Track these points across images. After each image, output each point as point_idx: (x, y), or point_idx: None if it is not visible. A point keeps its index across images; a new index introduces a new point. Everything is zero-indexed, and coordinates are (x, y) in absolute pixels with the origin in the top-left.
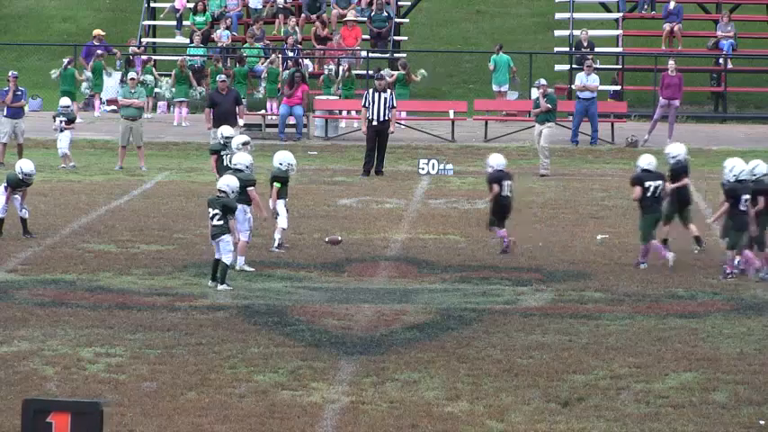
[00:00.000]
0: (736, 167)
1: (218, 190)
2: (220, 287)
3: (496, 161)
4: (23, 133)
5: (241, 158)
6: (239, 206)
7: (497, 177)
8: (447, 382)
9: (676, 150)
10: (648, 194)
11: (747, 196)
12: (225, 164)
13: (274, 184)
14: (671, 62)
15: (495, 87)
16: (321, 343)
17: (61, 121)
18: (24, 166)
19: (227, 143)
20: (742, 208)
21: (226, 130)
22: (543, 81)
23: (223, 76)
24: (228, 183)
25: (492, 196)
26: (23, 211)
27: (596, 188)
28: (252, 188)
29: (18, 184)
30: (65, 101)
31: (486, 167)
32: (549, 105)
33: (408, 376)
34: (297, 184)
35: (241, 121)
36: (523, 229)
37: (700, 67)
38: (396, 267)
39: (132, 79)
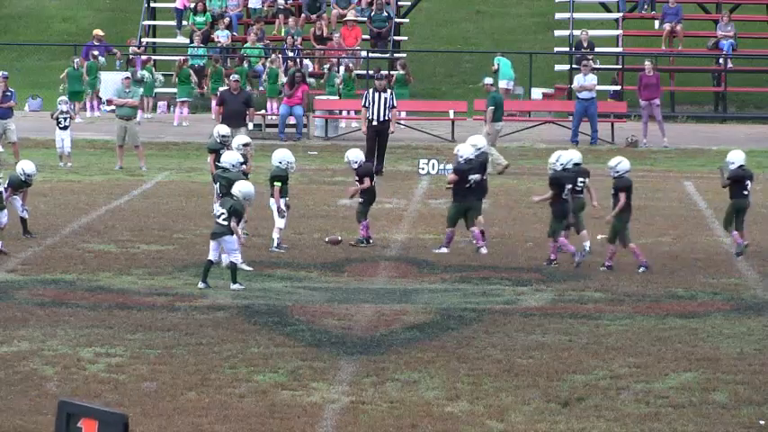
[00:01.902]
0: (562, 157)
1: (232, 194)
2: (233, 286)
3: (356, 156)
4: (15, 132)
5: (229, 157)
6: None
7: (368, 171)
8: (447, 382)
9: (481, 143)
10: (466, 185)
11: (570, 186)
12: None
13: (275, 183)
14: (647, 62)
15: (501, 84)
16: (321, 343)
17: (65, 118)
18: (26, 167)
19: (224, 142)
20: (564, 197)
21: (222, 128)
22: (486, 80)
23: (236, 76)
24: (242, 189)
25: (361, 188)
26: (23, 211)
27: (597, 188)
28: None
29: (20, 185)
30: (64, 99)
31: (351, 164)
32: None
33: (408, 376)
34: (297, 184)
35: (251, 124)
36: (523, 228)
37: (700, 67)
38: (396, 267)
39: (127, 78)
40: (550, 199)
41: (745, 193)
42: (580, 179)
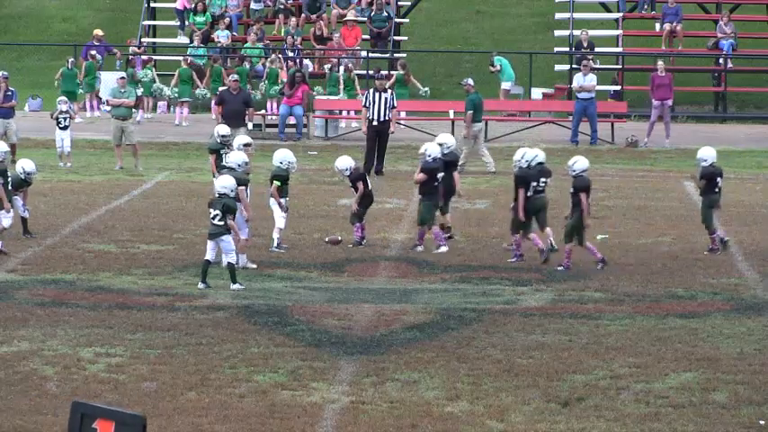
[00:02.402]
0: (527, 154)
1: (218, 192)
2: (233, 286)
3: (345, 164)
4: (16, 132)
5: (235, 157)
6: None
7: (360, 176)
8: (447, 382)
9: (449, 141)
10: (435, 183)
11: (534, 183)
12: (224, 162)
13: (274, 182)
14: (660, 62)
15: (505, 85)
16: (321, 343)
17: (65, 118)
18: (26, 165)
19: (224, 142)
20: (529, 193)
21: (222, 128)
22: (469, 81)
23: (236, 76)
24: (226, 183)
25: (360, 193)
26: (24, 211)
27: (596, 188)
28: (242, 187)
29: (20, 185)
30: (64, 99)
31: (342, 172)
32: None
33: (408, 376)
34: (297, 184)
35: (250, 124)
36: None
37: (700, 67)
38: (396, 267)
39: (122, 78)
40: (521, 198)
41: (717, 190)
42: (542, 179)
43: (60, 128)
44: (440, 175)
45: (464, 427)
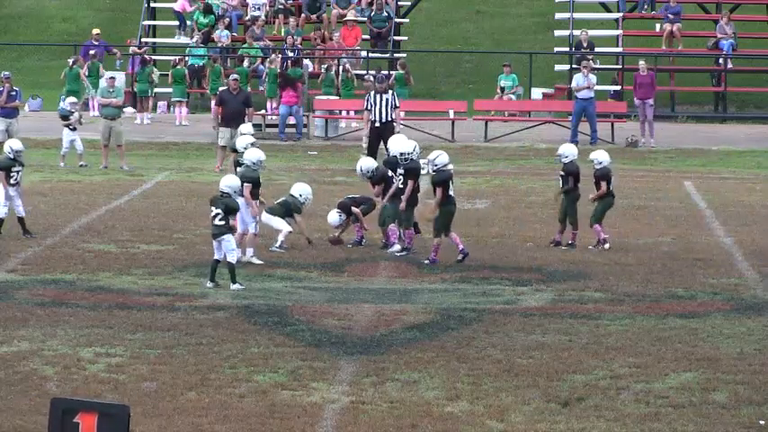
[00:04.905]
0: (417, 148)
1: (221, 191)
2: (233, 286)
3: (334, 219)
4: (18, 132)
5: (251, 155)
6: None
7: (346, 207)
8: (447, 382)
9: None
10: (392, 185)
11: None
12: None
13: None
14: (641, 62)
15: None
16: (321, 343)
17: (76, 119)
18: (13, 144)
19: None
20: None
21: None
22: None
23: (235, 76)
24: (229, 183)
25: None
26: (19, 209)
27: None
28: (248, 185)
29: (10, 165)
30: (72, 99)
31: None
32: None
33: (408, 376)
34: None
35: (250, 125)
36: (523, 228)
37: (700, 67)
38: (396, 267)
39: (112, 78)
40: (411, 188)
41: (579, 185)
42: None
43: (70, 128)
44: (397, 176)
45: (464, 427)
